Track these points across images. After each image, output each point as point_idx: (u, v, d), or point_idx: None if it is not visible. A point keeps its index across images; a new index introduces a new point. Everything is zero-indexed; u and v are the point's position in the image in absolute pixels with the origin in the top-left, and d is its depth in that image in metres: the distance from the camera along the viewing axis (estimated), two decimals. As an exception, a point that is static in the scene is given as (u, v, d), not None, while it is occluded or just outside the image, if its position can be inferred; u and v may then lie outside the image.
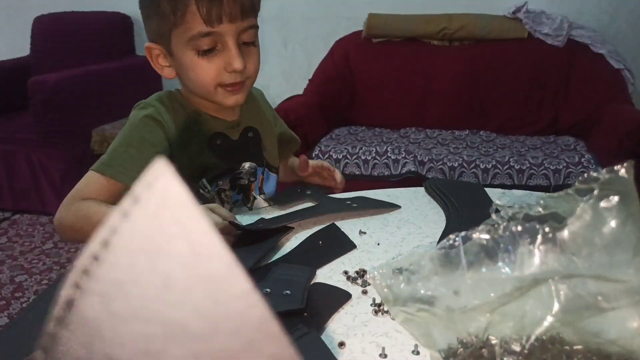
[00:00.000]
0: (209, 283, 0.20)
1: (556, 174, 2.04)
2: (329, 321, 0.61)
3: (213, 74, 0.85)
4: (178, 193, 0.20)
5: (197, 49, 0.83)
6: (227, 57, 0.84)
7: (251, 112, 1.01)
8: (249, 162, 0.97)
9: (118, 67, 2.86)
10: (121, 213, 0.20)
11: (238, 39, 0.84)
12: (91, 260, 0.20)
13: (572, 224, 0.46)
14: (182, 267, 0.20)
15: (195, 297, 0.20)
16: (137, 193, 0.20)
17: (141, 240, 0.20)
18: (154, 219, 0.20)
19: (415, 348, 0.55)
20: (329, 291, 0.67)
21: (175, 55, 0.86)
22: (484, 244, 0.47)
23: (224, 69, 0.85)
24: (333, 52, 2.69)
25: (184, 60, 0.85)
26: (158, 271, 0.20)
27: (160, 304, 0.20)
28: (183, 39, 0.83)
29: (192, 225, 0.20)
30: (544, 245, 0.46)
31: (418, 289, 0.51)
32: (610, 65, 2.38)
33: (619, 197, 0.44)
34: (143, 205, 0.20)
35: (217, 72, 0.85)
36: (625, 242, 0.45)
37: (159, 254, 0.20)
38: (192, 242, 0.20)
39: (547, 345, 0.48)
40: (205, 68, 0.84)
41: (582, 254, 0.45)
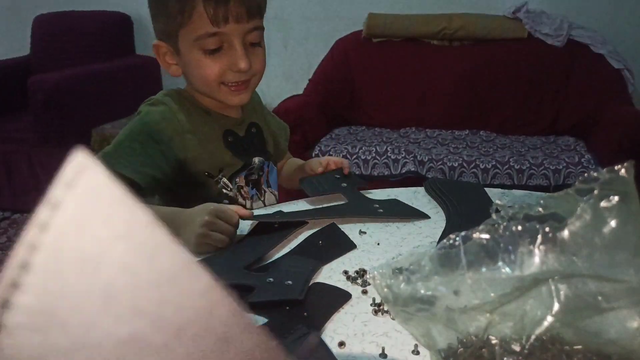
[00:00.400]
0: (161, 286, 0.17)
1: (556, 174, 2.04)
2: (329, 321, 0.61)
3: (218, 72, 0.86)
4: (107, 188, 0.17)
5: (204, 48, 0.84)
6: (232, 57, 0.85)
7: (252, 108, 1.04)
8: (257, 156, 1.00)
9: (118, 67, 2.86)
10: (38, 225, 0.16)
11: (244, 39, 0.85)
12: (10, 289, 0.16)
13: (572, 224, 0.46)
14: (124, 274, 0.17)
15: (147, 304, 0.17)
16: (55, 197, 0.16)
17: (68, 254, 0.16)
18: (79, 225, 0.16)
19: (415, 348, 0.55)
20: (329, 291, 0.67)
21: (182, 53, 0.88)
22: (484, 244, 0.47)
23: (229, 68, 0.86)
24: (333, 52, 2.69)
25: (190, 58, 0.87)
26: (96, 286, 0.16)
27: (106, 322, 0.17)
28: (190, 38, 0.84)
29: (131, 224, 0.17)
30: (544, 245, 0.46)
31: (418, 288, 0.51)
32: (610, 66, 2.38)
33: (619, 197, 0.44)
34: (64, 210, 0.16)
35: (222, 70, 0.86)
36: (626, 242, 0.45)
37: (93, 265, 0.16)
38: (133, 243, 0.17)
39: (547, 345, 0.48)
40: (211, 66, 0.86)
41: (582, 254, 0.45)
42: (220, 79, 0.87)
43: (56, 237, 0.16)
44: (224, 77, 0.87)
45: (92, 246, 0.16)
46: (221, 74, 0.86)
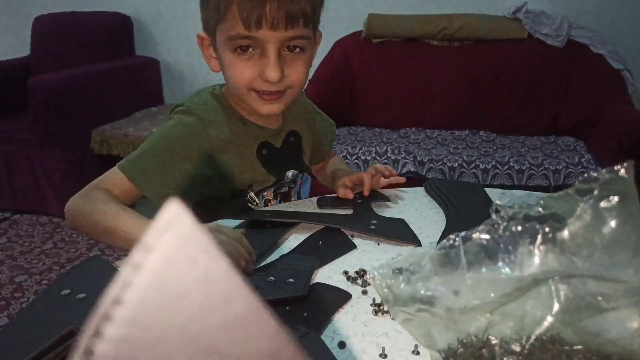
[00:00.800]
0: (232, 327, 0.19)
1: (556, 174, 2.04)
2: (329, 321, 0.61)
3: (247, 77, 0.81)
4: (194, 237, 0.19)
5: (235, 47, 0.79)
6: (264, 65, 0.79)
7: (293, 114, 0.98)
8: (292, 170, 0.96)
9: (118, 67, 2.86)
10: (133, 266, 0.18)
11: (281, 46, 0.79)
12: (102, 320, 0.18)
13: (572, 224, 0.46)
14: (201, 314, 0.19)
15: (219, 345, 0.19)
16: (149, 242, 0.18)
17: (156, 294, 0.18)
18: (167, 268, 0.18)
19: (415, 348, 0.55)
20: (329, 291, 0.67)
21: (217, 50, 0.84)
22: (484, 244, 0.47)
23: (258, 75, 0.81)
24: (333, 52, 2.69)
25: (223, 57, 0.82)
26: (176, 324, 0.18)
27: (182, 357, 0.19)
28: (224, 36, 0.80)
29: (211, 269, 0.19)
30: (544, 245, 0.46)
31: (418, 289, 0.51)
32: (610, 66, 2.39)
33: (619, 198, 0.44)
34: (157, 254, 0.18)
35: (252, 76, 0.81)
36: (626, 242, 0.45)
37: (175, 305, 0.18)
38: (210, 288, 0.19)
39: (547, 345, 0.48)
40: (241, 70, 0.81)
41: (582, 254, 0.45)
42: (249, 85, 0.82)
43: (147, 277, 0.18)
44: (254, 84, 0.82)
45: (175, 287, 0.18)
46: (251, 80, 0.81)
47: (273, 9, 0.75)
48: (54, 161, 2.54)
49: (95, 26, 2.96)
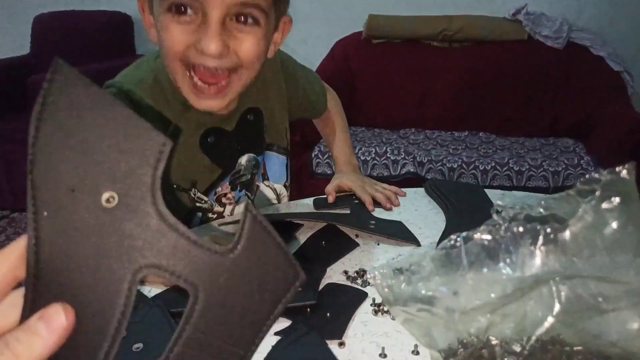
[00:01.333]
0: None
1: (555, 176, 2.04)
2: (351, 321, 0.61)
3: (181, 45, 0.66)
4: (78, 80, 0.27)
5: (169, 5, 0.65)
6: (202, 32, 0.64)
7: (253, 88, 0.83)
8: (246, 154, 0.86)
9: (118, 67, 2.84)
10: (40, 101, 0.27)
11: (227, 13, 0.65)
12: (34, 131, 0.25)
13: (573, 225, 0.46)
14: None
15: None
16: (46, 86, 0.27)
17: None
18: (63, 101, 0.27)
19: (415, 348, 0.55)
20: (345, 291, 0.66)
21: (154, 15, 0.69)
22: (485, 245, 0.47)
23: (193, 44, 0.66)
24: (333, 53, 2.69)
25: (158, 20, 0.68)
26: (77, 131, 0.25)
27: None
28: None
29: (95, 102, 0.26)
30: (545, 246, 0.46)
31: (418, 289, 0.51)
32: (610, 68, 2.39)
33: (620, 199, 0.44)
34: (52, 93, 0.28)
35: (186, 43, 0.66)
36: (627, 243, 0.45)
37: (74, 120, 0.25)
38: None
39: (548, 346, 0.48)
40: (173, 32, 0.65)
41: (583, 255, 0.45)
42: (182, 54, 0.67)
43: None
44: (187, 55, 0.66)
45: None
46: (184, 47, 0.66)
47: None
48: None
49: (96, 25, 2.96)
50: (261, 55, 0.72)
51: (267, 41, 0.73)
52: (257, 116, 0.86)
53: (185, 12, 0.65)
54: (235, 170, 0.86)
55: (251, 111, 0.85)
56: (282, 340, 0.57)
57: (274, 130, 0.92)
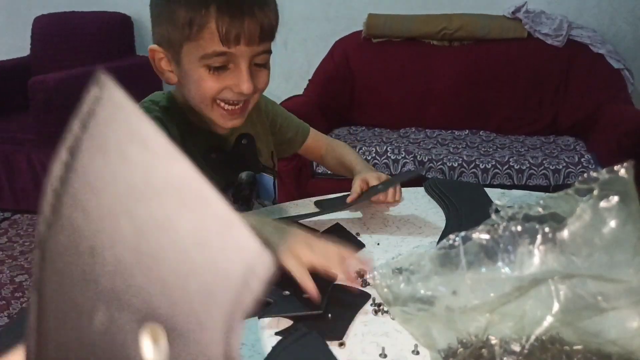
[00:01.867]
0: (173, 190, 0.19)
1: (556, 174, 2.04)
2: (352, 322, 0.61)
3: (217, 90, 0.82)
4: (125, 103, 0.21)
5: (209, 65, 0.79)
6: (236, 78, 0.81)
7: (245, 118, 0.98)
8: (246, 171, 0.96)
9: (118, 67, 2.86)
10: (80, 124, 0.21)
11: (251, 61, 0.81)
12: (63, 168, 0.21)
13: (571, 224, 0.46)
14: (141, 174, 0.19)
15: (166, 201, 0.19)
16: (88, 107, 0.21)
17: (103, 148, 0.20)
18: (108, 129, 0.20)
19: (415, 348, 0.55)
20: (348, 293, 0.66)
21: (183, 66, 0.82)
22: (483, 244, 0.47)
23: (229, 88, 0.82)
24: (333, 52, 2.69)
25: (192, 73, 0.82)
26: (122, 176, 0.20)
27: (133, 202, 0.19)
28: (195, 54, 0.79)
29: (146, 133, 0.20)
30: (543, 245, 0.46)
31: (418, 289, 0.51)
32: (610, 65, 2.39)
33: (619, 197, 0.44)
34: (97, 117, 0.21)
35: (220, 89, 0.82)
36: (625, 242, 0.45)
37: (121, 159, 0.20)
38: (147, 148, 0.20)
39: (547, 345, 0.48)
40: (211, 84, 0.81)
41: (582, 254, 0.46)
42: (217, 95, 0.82)
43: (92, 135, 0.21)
44: (222, 94, 0.82)
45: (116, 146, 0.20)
46: (218, 91, 0.82)
47: (251, 24, 0.77)
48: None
49: (95, 26, 2.96)
50: None
51: None
52: (250, 140, 0.98)
53: (222, 68, 0.80)
54: (237, 184, 0.95)
55: (245, 136, 0.97)
56: (282, 341, 0.57)
57: (265, 154, 1.03)
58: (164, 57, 0.84)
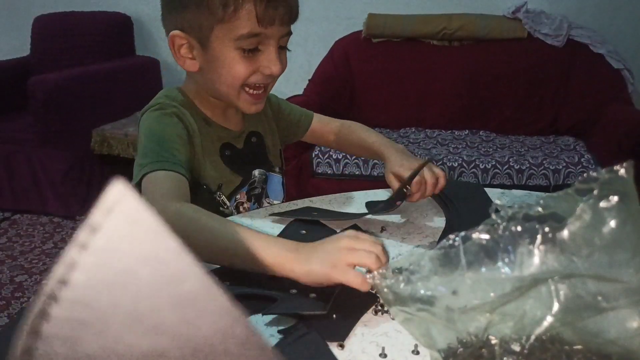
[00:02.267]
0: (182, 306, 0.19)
1: (556, 174, 2.04)
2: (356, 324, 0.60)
3: (248, 73, 0.82)
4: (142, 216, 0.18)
5: (242, 47, 0.80)
6: (266, 60, 0.82)
7: (253, 116, 0.97)
8: (258, 169, 0.96)
9: (118, 67, 2.86)
10: (78, 245, 0.18)
11: (278, 42, 0.83)
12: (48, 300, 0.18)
13: (571, 224, 0.46)
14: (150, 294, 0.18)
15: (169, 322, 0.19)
16: (94, 221, 0.18)
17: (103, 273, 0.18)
18: (115, 247, 0.18)
19: (415, 348, 0.55)
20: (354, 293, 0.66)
21: (211, 49, 0.81)
22: (483, 244, 0.47)
23: (259, 70, 0.83)
24: (333, 52, 2.69)
25: (224, 56, 0.81)
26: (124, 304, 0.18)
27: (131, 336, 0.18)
28: (229, 35, 0.79)
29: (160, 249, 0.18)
30: (543, 245, 0.46)
31: (418, 288, 0.51)
32: (610, 65, 2.39)
33: (619, 197, 0.44)
34: (103, 234, 0.18)
35: (251, 72, 0.82)
36: (625, 242, 0.45)
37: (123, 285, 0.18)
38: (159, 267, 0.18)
39: (547, 345, 0.48)
40: (243, 67, 0.81)
41: (582, 254, 0.45)
42: (245, 80, 0.83)
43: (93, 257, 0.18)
44: (251, 79, 0.83)
45: (123, 267, 0.18)
46: (249, 75, 0.82)
47: (284, 6, 0.79)
48: (54, 161, 2.54)
49: (95, 26, 2.96)
50: None
51: None
52: (259, 139, 0.99)
53: (255, 49, 0.81)
54: (252, 180, 0.95)
55: (254, 134, 0.98)
56: (282, 340, 0.57)
57: (274, 152, 1.03)
58: (185, 43, 0.83)
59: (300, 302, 0.62)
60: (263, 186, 0.97)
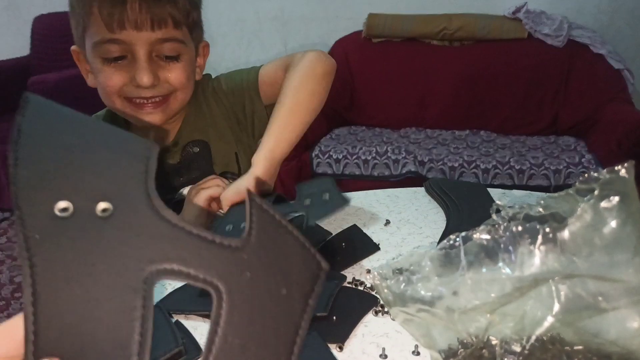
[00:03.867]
0: None
1: (556, 174, 2.04)
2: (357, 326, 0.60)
3: (117, 84, 0.76)
4: None
5: (103, 56, 0.75)
6: (134, 69, 0.75)
7: (195, 122, 0.90)
8: (189, 186, 0.86)
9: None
10: None
11: (153, 50, 0.75)
12: None
13: (572, 224, 0.46)
14: None
15: None
16: None
17: None
18: None
19: (415, 349, 0.55)
20: (355, 295, 0.66)
21: (88, 60, 0.78)
22: (484, 244, 0.47)
23: (129, 81, 0.76)
24: (333, 52, 2.69)
25: (94, 67, 0.77)
26: None
27: None
28: (90, 43, 0.75)
29: None
30: (544, 245, 0.46)
31: (418, 289, 0.51)
32: (610, 66, 2.38)
33: (619, 198, 0.44)
34: None
35: (122, 81, 0.76)
36: (626, 242, 0.45)
37: None
38: None
39: (548, 345, 0.48)
40: (110, 77, 0.76)
41: (583, 254, 0.45)
42: (119, 92, 0.77)
43: None
44: (125, 91, 0.77)
45: None
46: (121, 85, 0.76)
47: (134, 9, 0.71)
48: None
49: (95, 26, 2.96)
50: (190, 78, 0.81)
51: (192, 66, 0.82)
52: (203, 148, 0.89)
53: (117, 60, 0.75)
54: (176, 200, 0.87)
55: (195, 144, 0.89)
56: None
57: (225, 158, 0.92)
58: (84, 58, 0.80)
59: None
60: None
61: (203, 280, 0.24)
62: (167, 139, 0.87)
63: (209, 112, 0.92)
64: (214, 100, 0.93)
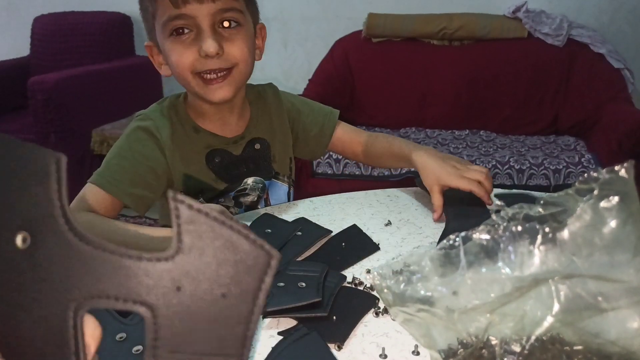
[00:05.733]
0: None
1: (556, 174, 2.04)
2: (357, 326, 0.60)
3: (189, 59, 0.81)
4: None
5: (170, 31, 0.80)
6: (201, 42, 0.80)
7: (260, 121, 0.97)
8: (253, 177, 0.94)
9: (118, 67, 2.86)
10: None
11: (214, 21, 0.80)
12: None
13: (572, 224, 0.46)
14: None
15: None
16: None
17: None
18: None
19: (415, 348, 0.55)
20: (354, 295, 0.66)
21: (161, 47, 0.84)
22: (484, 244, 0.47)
23: (199, 55, 0.80)
24: (333, 52, 2.69)
25: (166, 49, 0.82)
26: None
27: None
28: (160, 26, 0.81)
29: None
30: (544, 245, 0.46)
31: (418, 289, 0.51)
32: (610, 65, 2.38)
33: (619, 197, 0.44)
34: None
35: (193, 57, 0.81)
36: (625, 242, 0.45)
37: None
38: None
39: (547, 345, 0.48)
40: (180, 52, 0.81)
41: (582, 254, 0.45)
42: (192, 68, 0.81)
43: None
44: (196, 65, 0.81)
45: None
46: (192, 61, 0.81)
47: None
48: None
49: (95, 26, 2.96)
50: (251, 52, 0.86)
51: (252, 41, 0.87)
52: (264, 146, 0.96)
53: (184, 32, 0.80)
54: (241, 188, 0.94)
55: (258, 140, 0.96)
56: (282, 341, 0.57)
57: (281, 160, 0.99)
58: (157, 51, 0.87)
59: (293, 294, 0.62)
60: (260, 195, 0.95)
61: (133, 302, 0.23)
62: (233, 134, 0.93)
63: (275, 114, 0.99)
64: (276, 108, 1.01)
